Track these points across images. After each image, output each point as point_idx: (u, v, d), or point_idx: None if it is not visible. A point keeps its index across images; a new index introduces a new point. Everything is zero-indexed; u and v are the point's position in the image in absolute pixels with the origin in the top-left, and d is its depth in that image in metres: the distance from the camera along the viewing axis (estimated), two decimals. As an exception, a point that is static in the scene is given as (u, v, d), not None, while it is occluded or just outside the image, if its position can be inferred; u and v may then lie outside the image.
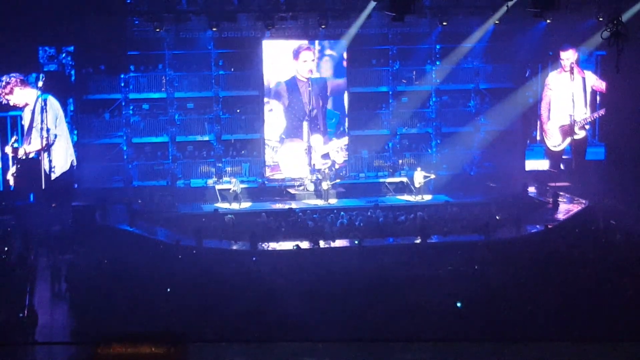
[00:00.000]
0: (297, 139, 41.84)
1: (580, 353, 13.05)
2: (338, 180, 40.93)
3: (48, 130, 38.59)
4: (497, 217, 37.65)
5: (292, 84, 41.53)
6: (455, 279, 28.78)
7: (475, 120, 43.81)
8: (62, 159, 39.10)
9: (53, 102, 38.77)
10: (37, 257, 33.26)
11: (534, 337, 23.13)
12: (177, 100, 41.62)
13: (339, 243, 34.82)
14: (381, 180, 42.59)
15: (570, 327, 23.87)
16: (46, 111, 38.47)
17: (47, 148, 38.70)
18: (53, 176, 38.90)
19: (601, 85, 42.65)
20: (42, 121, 38.42)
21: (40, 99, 38.43)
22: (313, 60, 41.49)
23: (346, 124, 42.42)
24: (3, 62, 38.14)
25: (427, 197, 40.65)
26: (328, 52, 41.87)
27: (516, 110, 43.26)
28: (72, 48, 39.07)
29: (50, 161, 38.79)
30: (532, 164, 43.72)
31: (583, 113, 42.86)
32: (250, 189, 40.96)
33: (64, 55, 39.12)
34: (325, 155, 42.00)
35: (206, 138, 42.07)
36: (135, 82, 41.30)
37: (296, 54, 41.32)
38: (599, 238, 34.18)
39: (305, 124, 41.77)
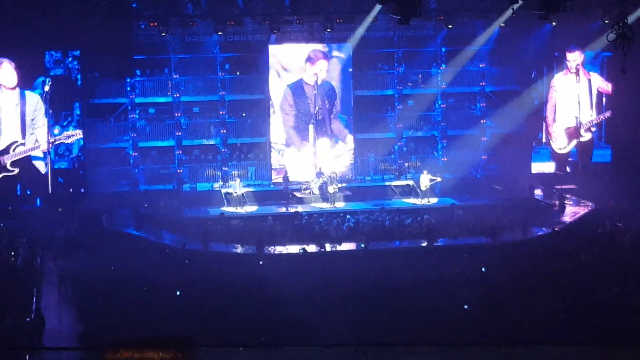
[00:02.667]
0: (304, 141, 41.88)
1: (587, 357, 13.01)
2: (344, 184, 40.89)
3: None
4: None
5: (299, 87, 41.56)
6: (461, 282, 28.75)
7: (481, 123, 43.80)
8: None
9: (33, 95, 38.88)
10: (43, 261, 33.29)
11: (541, 340, 23.11)
12: (183, 104, 41.67)
13: (345, 246, 34.83)
14: (387, 183, 42.57)
15: (577, 329, 23.83)
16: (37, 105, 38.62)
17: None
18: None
19: (607, 87, 42.62)
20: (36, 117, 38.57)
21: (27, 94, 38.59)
22: (327, 70, 41.58)
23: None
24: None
25: (433, 200, 40.57)
26: (335, 54, 41.94)
27: (522, 112, 43.22)
28: (78, 52, 39.15)
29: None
30: (538, 167, 43.69)
31: (589, 115, 42.83)
32: (257, 192, 40.91)
33: (70, 59, 39.18)
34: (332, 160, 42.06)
35: (212, 142, 42.11)
36: (141, 87, 41.34)
37: (312, 60, 41.32)
38: (605, 240, 34.12)
39: (311, 127, 41.79)
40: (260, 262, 32.31)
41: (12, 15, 36.73)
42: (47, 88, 38.24)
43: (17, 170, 38.61)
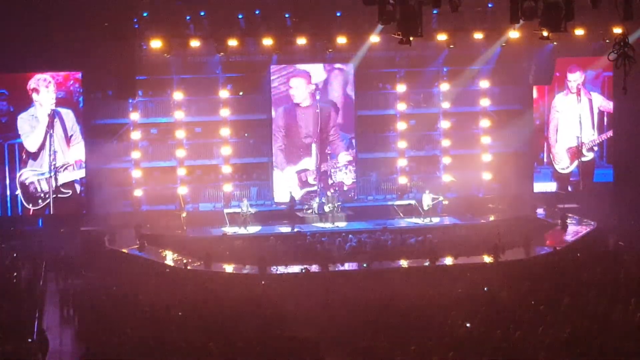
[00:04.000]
0: (290, 164, 42.10)
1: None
2: (339, 203, 40.74)
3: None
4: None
5: (291, 110, 41.84)
6: (464, 302, 28.67)
7: (483, 142, 43.82)
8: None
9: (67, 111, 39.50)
10: (46, 282, 33.31)
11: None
12: (185, 124, 41.74)
13: (348, 266, 34.81)
14: (389, 203, 42.62)
15: (579, 349, 23.78)
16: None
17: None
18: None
19: (608, 104, 42.70)
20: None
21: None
22: (298, 87, 41.78)
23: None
24: (14, 90, 38.60)
25: (436, 220, 40.66)
26: (335, 75, 42.11)
27: (523, 131, 43.31)
28: (79, 75, 39.29)
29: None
30: (539, 187, 43.72)
31: (590, 135, 42.88)
32: (259, 212, 40.89)
33: (71, 82, 39.35)
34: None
35: (214, 162, 42.16)
36: (143, 107, 41.46)
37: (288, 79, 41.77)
38: (607, 259, 34.06)
39: (314, 146, 41.94)
40: (262, 282, 32.25)
41: (12, 37, 36.92)
42: (49, 111, 38.58)
43: (70, 193, 38.96)
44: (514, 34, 38.65)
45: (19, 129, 38.90)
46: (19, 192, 39.07)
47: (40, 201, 39.14)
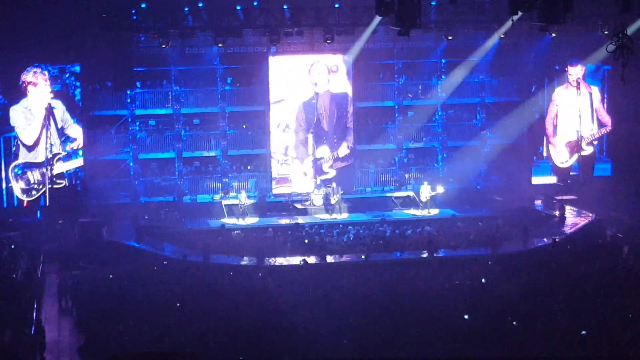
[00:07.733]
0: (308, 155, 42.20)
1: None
2: (341, 193, 40.61)
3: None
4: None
5: (309, 103, 41.86)
6: (462, 293, 28.71)
7: (482, 134, 43.80)
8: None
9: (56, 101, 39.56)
10: (44, 273, 33.32)
11: (542, 353, 23.10)
12: (183, 116, 41.71)
13: (346, 258, 34.82)
14: (388, 194, 42.56)
15: (577, 341, 23.82)
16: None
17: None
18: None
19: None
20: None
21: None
22: (319, 73, 41.63)
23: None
24: (8, 82, 38.54)
25: (434, 211, 40.60)
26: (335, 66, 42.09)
27: (522, 124, 43.19)
28: (75, 68, 39.28)
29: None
30: (538, 181, 43.61)
31: (590, 129, 42.80)
32: (258, 203, 40.88)
33: (67, 75, 39.30)
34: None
35: (212, 153, 42.12)
36: (141, 98, 41.37)
37: (310, 70, 41.71)
38: (605, 251, 34.09)
39: (310, 137, 41.89)
40: (260, 274, 32.25)
41: (9, 31, 36.87)
42: (46, 105, 38.60)
43: (64, 183, 39.08)
44: (512, 25, 38.59)
45: (11, 121, 38.73)
46: (12, 183, 38.99)
47: (34, 192, 39.07)
